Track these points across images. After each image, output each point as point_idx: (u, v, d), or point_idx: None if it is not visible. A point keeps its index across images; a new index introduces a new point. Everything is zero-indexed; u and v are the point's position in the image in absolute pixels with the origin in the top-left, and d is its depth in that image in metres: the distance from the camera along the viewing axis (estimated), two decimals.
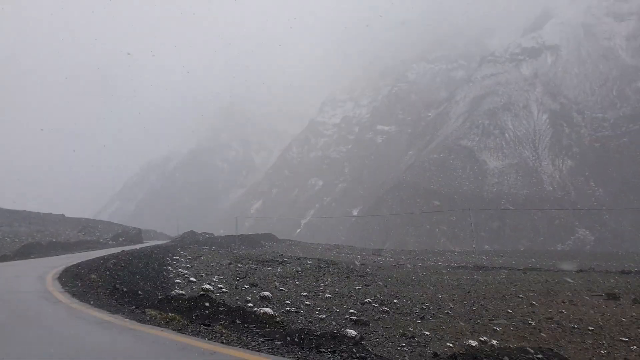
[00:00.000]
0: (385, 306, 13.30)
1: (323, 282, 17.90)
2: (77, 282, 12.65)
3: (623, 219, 66.67)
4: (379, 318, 11.75)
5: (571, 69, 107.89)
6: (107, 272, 15.04)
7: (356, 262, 28.88)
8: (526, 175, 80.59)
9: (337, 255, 38.86)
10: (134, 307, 9.04)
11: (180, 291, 12.52)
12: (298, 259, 26.52)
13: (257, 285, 16.02)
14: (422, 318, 12.08)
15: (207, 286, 14.22)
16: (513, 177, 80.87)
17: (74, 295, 10.23)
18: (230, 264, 23.36)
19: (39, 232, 46.61)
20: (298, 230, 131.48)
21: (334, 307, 12.60)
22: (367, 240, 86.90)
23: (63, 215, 66.30)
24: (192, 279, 16.63)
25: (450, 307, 13.78)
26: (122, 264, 17.63)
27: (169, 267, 20.26)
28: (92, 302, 9.23)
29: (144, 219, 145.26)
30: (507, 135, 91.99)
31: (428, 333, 10.40)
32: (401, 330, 10.44)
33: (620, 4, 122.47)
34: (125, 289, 11.75)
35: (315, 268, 21.91)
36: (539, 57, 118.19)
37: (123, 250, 24.64)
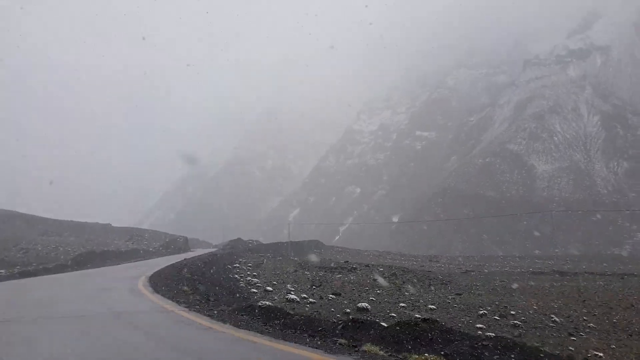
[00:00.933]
0: (508, 318, 11.74)
1: (407, 291, 16.51)
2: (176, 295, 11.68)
3: None
4: (520, 334, 10.03)
5: (624, 70, 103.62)
6: (192, 282, 14.41)
7: (425, 269, 27.48)
8: (578, 178, 77.18)
9: (395, 262, 37.55)
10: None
11: (266, 302, 11.56)
12: (367, 265, 25.21)
13: (340, 294, 14.69)
14: (571, 334, 10.35)
15: (292, 296, 13.24)
16: (564, 181, 77.60)
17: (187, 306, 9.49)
18: (296, 271, 22.41)
19: (88, 242, 46.93)
20: (337, 237, 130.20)
21: (452, 321, 11.24)
22: (410, 247, 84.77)
23: (109, 225, 67.15)
24: (268, 287, 15.61)
25: (584, 320, 11.97)
26: (198, 274, 17.09)
27: (237, 276, 19.47)
28: (206, 313, 8.61)
29: (185, 228, 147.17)
30: (555, 138, 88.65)
31: (602, 355, 8.62)
32: (572, 349, 8.73)
33: None
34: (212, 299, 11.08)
35: (391, 275, 20.62)
36: (588, 58, 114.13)
37: (186, 259, 24.33)
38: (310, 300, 13.09)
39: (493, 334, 7.70)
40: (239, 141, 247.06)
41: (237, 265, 24.50)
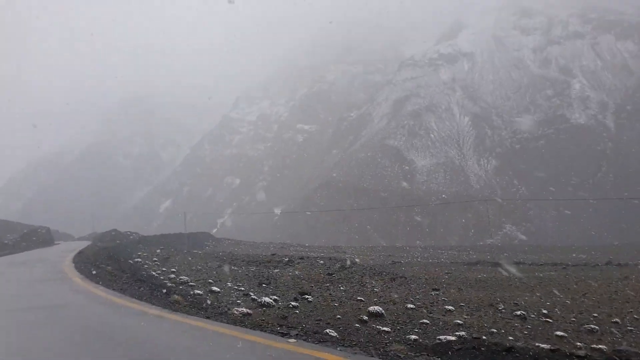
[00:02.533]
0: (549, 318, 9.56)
1: (377, 287, 13.50)
2: None
3: (546, 215, 69.86)
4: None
5: (487, 76, 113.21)
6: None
7: (347, 261, 24.81)
8: (454, 174, 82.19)
9: (310, 253, 34.66)
10: None
11: (242, 309, 8.12)
12: (301, 258, 21.73)
13: (309, 293, 11.42)
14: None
15: (266, 299, 9.67)
16: (441, 176, 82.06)
17: None
18: (220, 266, 18.35)
19: None
20: (214, 230, 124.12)
21: (485, 325, 8.66)
22: (295, 239, 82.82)
23: None
24: (215, 287, 11.74)
25: (616, 322, 9.60)
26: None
27: (152, 272, 15.10)
28: None
29: (36, 218, 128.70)
30: (432, 135, 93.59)
31: None
32: None
33: (525, 20, 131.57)
34: None
35: (339, 269, 17.41)
36: (456, 63, 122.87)
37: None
38: (291, 303, 9.62)
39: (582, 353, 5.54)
40: (101, 126, 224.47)
41: (140, 260, 19.63)
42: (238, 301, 10.14)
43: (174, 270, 16.14)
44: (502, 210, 72.05)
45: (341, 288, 13.08)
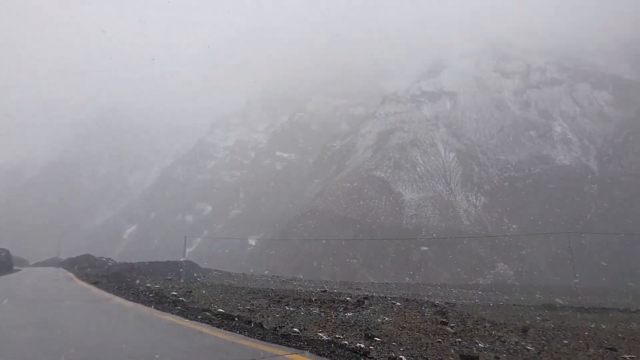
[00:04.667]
0: None
1: (529, 346, 10.22)
2: None
3: (538, 254, 68.69)
4: None
5: (469, 115, 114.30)
6: None
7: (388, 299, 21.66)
8: (443, 208, 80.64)
9: (333, 289, 31.37)
10: None
11: None
12: (366, 297, 18.11)
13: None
14: None
15: None
16: (430, 210, 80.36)
17: None
18: (269, 306, 14.74)
19: None
20: (182, 259, 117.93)
21: None
22: (272, 270, 79.00)
23: None
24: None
25: None
26: None
27: None
28: None
29: None
30: (418, 169, 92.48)
31: None
32: None
33: (504, 64, 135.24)
34: None
35: (437, 313, 14.13)
36: (439, 100, 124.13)
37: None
38: None
39: None
40: (66, 143, 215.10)
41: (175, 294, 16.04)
42: None
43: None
44: (493, 248, 70.53)
45: (480, 345, 10.03)
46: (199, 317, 10.58)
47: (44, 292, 17.65)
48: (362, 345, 8.04)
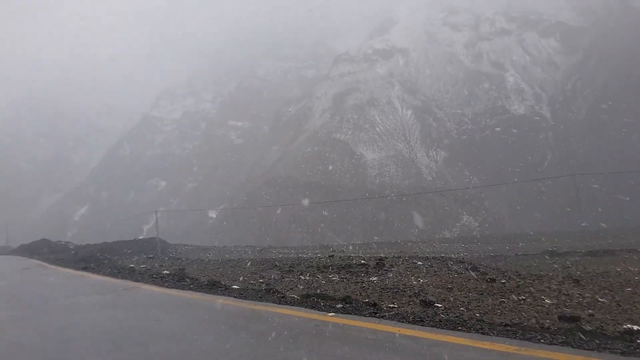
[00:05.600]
0: None
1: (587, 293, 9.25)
2: None
3: (500, 205, 69.92)
4: None
5: (423, 70, 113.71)
6: None
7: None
8: (405, 166, 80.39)
9: (317, 254, 29.76)
10: None
11: None
12: (381, 259, 16.41)
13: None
14: None
15: None
16: (393, 169, 79.91)
17: None
18: (283, 277, 12.90)
19: None
20: (141, 237, 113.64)
21: None
22: (239, 241, 77.02)
23: None
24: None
25: None
26: None
27: None
28: None
29: None
30: (378, 129, 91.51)
31: None
32: None
33: (453, 17, 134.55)
34: None
35: (473, 269, 12.61)
36: (392, 58, 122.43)
37: None
38: None
39: None
40: None
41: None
42: None
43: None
44: (457, 201, 71.14)
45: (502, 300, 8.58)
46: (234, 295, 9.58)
47: (38, 287, 14.77)
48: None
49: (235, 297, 9.48)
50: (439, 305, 7.73)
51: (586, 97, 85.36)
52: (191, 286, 11.50)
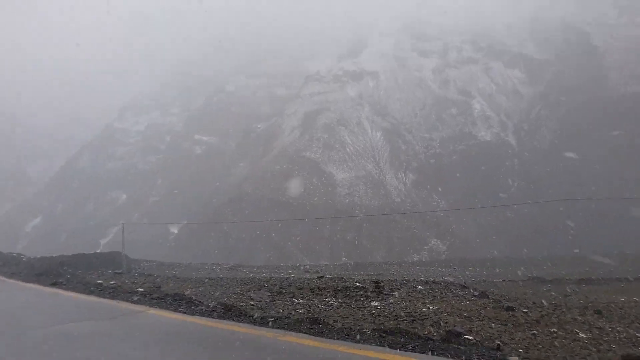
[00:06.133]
0: None
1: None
2: None
3: (467, 229, 70.46)
4: None
5: (392, 94, 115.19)
6: None
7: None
8: (374, 187, 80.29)
9: (303, 276, 28.52)
10: None
11: None
12: (376, 283, 15.41)
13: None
14: None
15: None
16: (362, 189, 79.64)
17: None
18: (273, 300, 11.68)
19: None
20: (98, 250, 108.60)
21: None
22: (200, 258, 74.78)
23: None
24: None
25: None
26: None
27: None
28: None
29: None
30: (347, 149, 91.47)
31: None
32: None
33: (422, 43, 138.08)
34: None
35: (480, 296, 11.83)
36: (361, 80, 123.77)
37: None
38: None
39: None
40: None
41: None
42: None
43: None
44: (425, 224, 71.32)
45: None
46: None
47: (5, 309, 12.07)
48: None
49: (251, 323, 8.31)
50: (470, 337, 6.87)
51: (550, 127, 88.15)
52: (196, 310, 10.03)
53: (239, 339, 7.27)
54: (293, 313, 9.18)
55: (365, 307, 9.84)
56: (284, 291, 12.66)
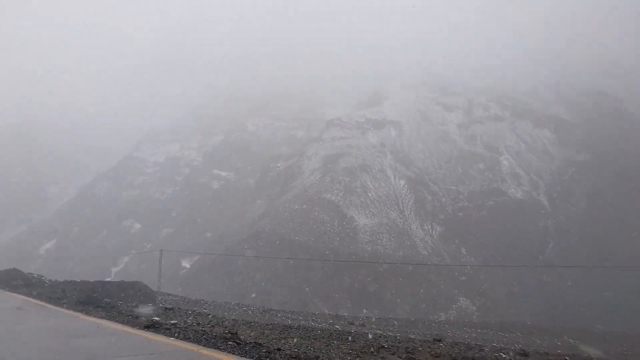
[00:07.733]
0: None
1: None
2: None
3: (498, 289, 66.47)
4: None
5: (415, 145, 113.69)
6: None
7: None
8: (399, 236, 76.95)
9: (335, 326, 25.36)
10: None
11: None
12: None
13: None
14: None
15: None
16: (386, 237, 76.34)
17: None
18: None
19: None
20: (108, 279, 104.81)
21: None
22: (211, 296, 70.94)
23: None
24: None
25: None
26: None
27: None
28: None
29: None
30: (370, 194, 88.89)
31: None
32: None
33: (445, 98, 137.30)
34: None
35: None
36: (383, 128, 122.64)
37: None
38: None
39: None
40: None
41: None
42: None
43: None
44: (453, 281, 67.46)
45: None
46: None
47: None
48: None
49: None
50: None
51: (584, 193, 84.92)
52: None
53: None
54: None
55: None
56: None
